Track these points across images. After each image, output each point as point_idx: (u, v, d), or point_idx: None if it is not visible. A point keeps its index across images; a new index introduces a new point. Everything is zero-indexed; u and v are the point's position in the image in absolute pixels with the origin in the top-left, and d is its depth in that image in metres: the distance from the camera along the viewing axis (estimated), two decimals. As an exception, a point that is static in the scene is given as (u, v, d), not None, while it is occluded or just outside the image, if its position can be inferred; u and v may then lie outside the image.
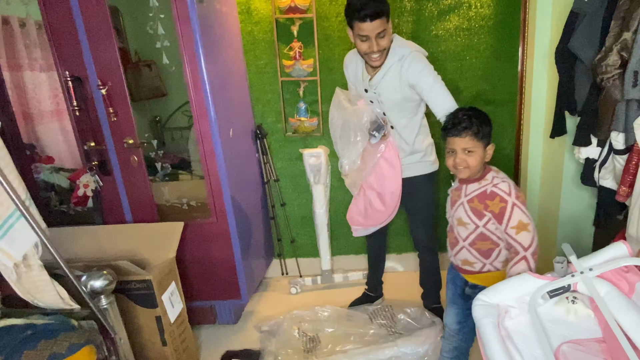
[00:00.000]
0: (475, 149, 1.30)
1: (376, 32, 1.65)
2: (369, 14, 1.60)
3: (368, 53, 1.74)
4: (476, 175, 1.36)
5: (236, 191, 2.18)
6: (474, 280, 1.43)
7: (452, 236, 1.46)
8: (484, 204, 1.30)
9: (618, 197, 1.59)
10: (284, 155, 2.58)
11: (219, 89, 2.04)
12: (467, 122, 1.31)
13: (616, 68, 1.40)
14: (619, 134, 1.55)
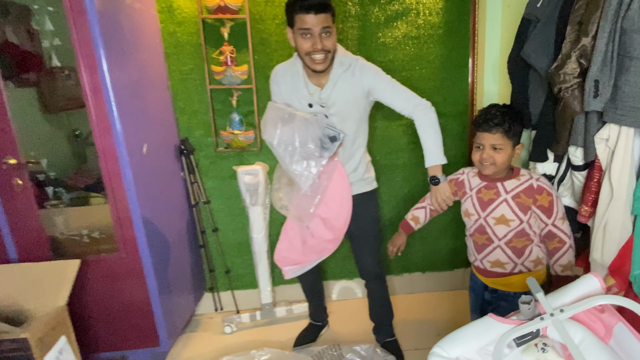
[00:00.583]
0: (504, 146, 1.28)
1: (320, 27, 1.47)
2: (314, 6, 1.44)
3: (310, 52, 1.52)
4: (502, 173, 1.35)
5: (152, 218, 1.83)
6: (495, 285, 1.39)
7: (481, 238, 1.38)
8: (532, 198, 1.29)
9: (580, 217, 1.42)
10: (215, 174, 2.25)
11: (128, 97, 1.70)
12: (499, 119, 1.28)
13: (575, 77, 1.23)
14: (577, 149, 1.40)
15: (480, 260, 1.41)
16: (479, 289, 1.48)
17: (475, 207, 1.40)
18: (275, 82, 1.74)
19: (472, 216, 1.41)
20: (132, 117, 1.73)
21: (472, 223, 1.41)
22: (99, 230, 1.85)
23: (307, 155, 1.66)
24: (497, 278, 1.39)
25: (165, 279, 1.93)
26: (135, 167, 1.72)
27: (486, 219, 1.36)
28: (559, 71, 1.26)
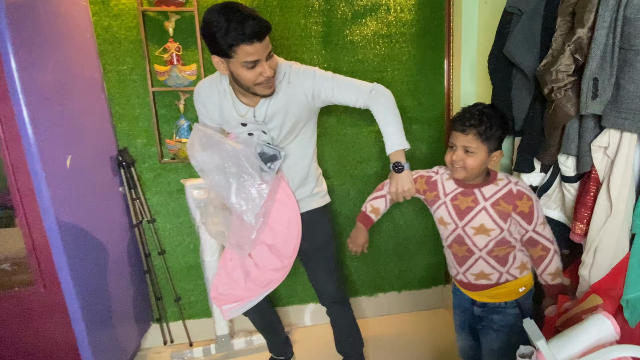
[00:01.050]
0: (477, 150, 1.15)
1: (267, 53, 1.24)
2: (257, 34, 1.17)
3: (260, 83, 1.28)
4: (476, 179, 1.22)
5: (78, 243, 1.53)
6: (483, 299, 1.29)
7: (461, 250, 1.26)
8: (512, 205, 1.18)
9: (573, 236, 1.23)
10: (161, 188, 1.97)
11: (45, 101, 1.41)
12: (476, 120, 1.14)
13: (569, 75, 1.05)
14: (568, 158, 1.22)
15: (463, 273, 1.29)
16: (465, 304, 1.37)
17: (452, 216, 1.26)
18: (200, 102, 1.47)
19: (449, 225, 1.27)
20: (51, 124, 1.44)
21: (449, 233, 1.28)
22: (14, 258, 1.53)
23: (245, 185, 1.42)
24: (484, 290, 1.29)
25: (97, 312, 1.63)
26: (54, 184, 1.42)
27: (464, 228, 1.24)
28: (549, 69, 1.07)
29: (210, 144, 1.40)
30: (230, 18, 1.15)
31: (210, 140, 1.40)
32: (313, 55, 1.94)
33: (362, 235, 1.44)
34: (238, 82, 1.31)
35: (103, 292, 1.69)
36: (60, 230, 1.44)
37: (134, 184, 1.88)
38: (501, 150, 1.19)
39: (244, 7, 1.20)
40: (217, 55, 1.26)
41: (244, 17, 1.16)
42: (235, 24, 1.15)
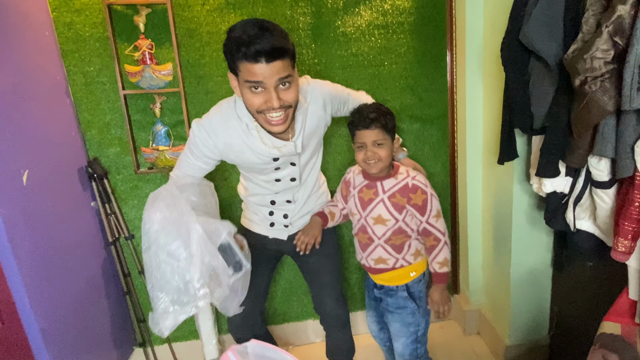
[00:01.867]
0: (384, 141, 1.27)
1: (276, 79, 1.03)
2: (264, 51, 0.98)
3: (263, 111, 1.08)
4: (385, 171, 1.33)
5: (42, 269, 1.36)
6: (380, 281, 1.42)
7: (364, 237, 1.38)
8: (407, 198, 1.29)
9: (616, 254, 1.04)
10: (139, 201, 1.78)
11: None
12: (375, 114, 1.25)
13: (608, 62, 0.86)
14: (601, 160, 1.04)
15: (365, 258, 1.41)
16: (370, 286, 1.50)
17: (357, 207, 1.38)
18: (212, 133, 1.20)
19: (355, 216, 1.39)
20: (1, 136, 1.25)
21: (356, 222, 1.40)
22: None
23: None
24: (382, 274, 1.40)
25: (68, 343, 1.46)
26: (7, 205, 1.24)
27: (366, 218, 1.35)
28: (582, 55, 0.88)
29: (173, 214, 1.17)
30: (246, 30, 0.99)
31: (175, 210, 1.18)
32: (302, 50, 1.75)
33: (316, 228, 1.39)
34: (247, 108, 1.13)
35: (76, 320, 1.52)
36: (16, 256, 1.26)
37: (107, 197, 1.69)
38: (398, 137, 1.35)
39: (268, 24, 1.02)
40: (230, 71, 1.10)
41: (260, 31, 0.99)
42: (246, 37, 0.98)
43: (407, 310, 1.38)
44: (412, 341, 1.41)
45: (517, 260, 1.69)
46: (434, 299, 1.33)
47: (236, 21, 1.65)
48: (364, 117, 1.25)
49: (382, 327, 1.56)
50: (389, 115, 1.28)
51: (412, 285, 1.39)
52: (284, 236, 1.48)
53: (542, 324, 1.82)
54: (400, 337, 1.42)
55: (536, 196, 1.59)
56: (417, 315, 1.39)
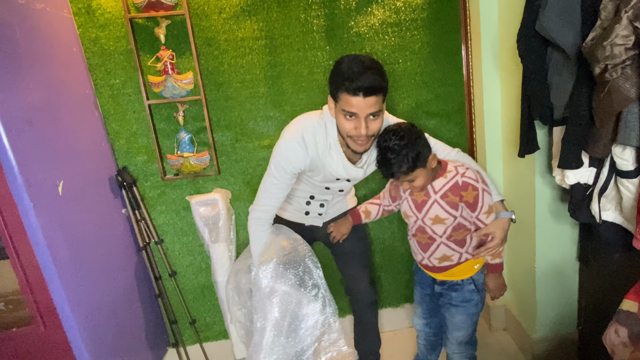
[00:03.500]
0: (416, 176, 1.23)
1: (368, 112, 1.17)
2: (363, 88, 1.13)
3: (352, 136, 1.23)
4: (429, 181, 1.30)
5: (79, 275, 1.43)
6: (443, 277, 1.41)
7: (423, 237, 1.37)
8: (459, 196, 1.27)
9: (637, 242, 1.04)
10: (166, 207, 1.85)
11: (27, 124, 1.30)
12: (395, 166, 1.20)
13: (628, 48, 0.86)
14: (626, 149, 1.03)
15: (428, 258, 1.40)
16: (426, 281, 1.49)
17: (412, 209, 1.37)
18: (304, 147, 1.29)
19: (411, 218, 1.38)
20: (37, 148, 1.33)
21: (412, 224, 1.40)
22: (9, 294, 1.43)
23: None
24: (446, 271, 1.40)
25: (107, 345, 1.52)
26: (45, 214, 1.31)
27: (423, 220, 1.34)
28: (602, 42, 0.88)
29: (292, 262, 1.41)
30: (351, 66, 1.14)
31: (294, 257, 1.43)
32: (317, 53, 1.78)
33: (346, 225, 1.53)
34: (338, 128, 1.28)
35: (112, 322, 1.58)
36: (55, 263, 1.33)
37: (137, 204, 1.76)
38: (433, 153, 1.26)
39: (372, 62, 1.16)
40: (331, 96, 1.24)
41: (362, 69, 1.13)
42: (350, 73, 1.13)
43: (472, 302, 1.39)
44: (473, 330, 1.45)
45: (542, 254, 1.67)
46: (491, 287, 1.37)
47: (252, 28, 1.72)
48: (388, 174, 1.23)
49: (430, 322, 1.56)
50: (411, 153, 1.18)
51: (476, 277, 1.39)
52: (319, 223, 1.60)
53: (571, 318, 1.79)
54: (462, 329, 1.43)
55: (559, 188, 1.57)
56: (479, 306, 1.41)
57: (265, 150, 1.85)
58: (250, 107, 1.80)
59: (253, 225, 1.44)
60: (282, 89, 1.80)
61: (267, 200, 1.40)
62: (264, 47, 1.75)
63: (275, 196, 1.38)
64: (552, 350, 1.81)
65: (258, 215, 1.42)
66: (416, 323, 1.60)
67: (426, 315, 1.55)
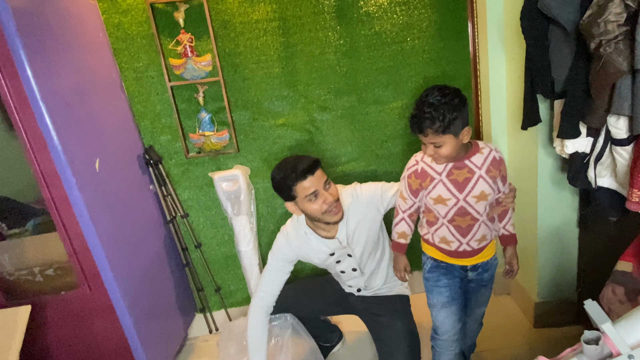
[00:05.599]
0: (442, 142, 1.19)
1: (322, 182, 1.43)
2: (306, 170, 1.39)
3: (326, 210, 1.43)
4: (459, 154, 1.26)
5: (117, 243, 1.57)
6: (476, 260, 1.38)
7: (464, 220, 1.31)
8: (498, 170, 1.29)
9: (630, 204, 1.14)
10: (190, 183, 1.98)
11: (65, 105, 1.41)
12: (428, 121, 1.16)
13: (620, 24, 0.94)
14: (619, 119, 1.12)
15: (467, 242, 1.34)
16: (455, 273, 1.41)
17: (451, 191, 1.28)
18: (287, 239, 1.59)
19: (449, 200, 1.29)
20: (75, 129, 1.45)
21: (449, 208, 1.30)
22: (57, 262, 1.58)
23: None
24: (480, 253, 1.37)
25: (143, 308, 1.68)
26: (86, 189, 1.44)
27: (466, 199, 1.28)
28: (596, 19, 0.96)
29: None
30: (283, 167, 1.41)
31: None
32: (328, 33, 1.85)
33: (400, 261, 1.47)
34: (310, 217, 1.48)
35: (146, 287, 1.73)
36: (97, 233, 1.47)
37: (163, 180, 1.89)
38: (469, 127, 1.22)
39: (295, 156, 1.43)
40: (287, 201, 1.46)
41: (294, 161, 1.40)
42: (289, 170, 1.39)
43: (494, 277, 1.43)
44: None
45: (544, 221, 1.78)
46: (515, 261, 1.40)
47: (265, 10, 1.80)
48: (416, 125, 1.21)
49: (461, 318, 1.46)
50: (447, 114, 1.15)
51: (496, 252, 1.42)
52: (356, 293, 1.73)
53: (570, 281, 1.91)
54: (485, 303, 1.47)
55: (560, 158, 1.66)
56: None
57: (280, 129, 1.95)
58: (265, 87, 1.89)
59: (251, 313, 1.62)
60: (296, 69, 1.88)
61: (263, 286, 1.62)
62: (278, 29, 1.83)
63: (270, 283, 1.61)
64: (553, 311, 1.94)
65: (255, 302, 1.62)
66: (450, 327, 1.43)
67: (461, 312, 1.44)
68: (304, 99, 1.92)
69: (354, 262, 1.60)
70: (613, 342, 0.71)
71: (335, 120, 1.96)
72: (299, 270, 2.18)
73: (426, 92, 1.20)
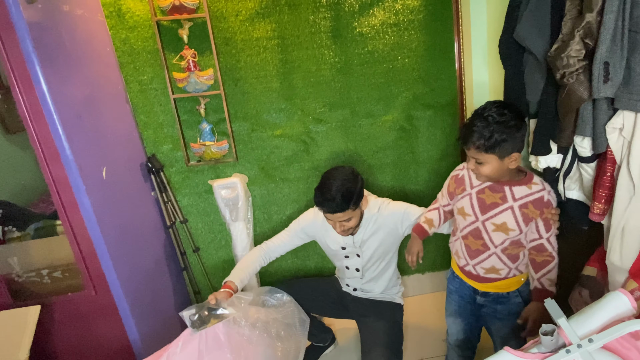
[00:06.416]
0: (485, 160, 1.16)
1: (342, 219, 1.55)
2: (328, 212, 1.53)
3: (338, 231, 1.61)
4: (505, 177, 1.22)
5: (121, 247, 1.65)
6: (488, 289, 1.33)
7: (476, 243, 1.28)
8: (540, 211, 1.21)
9: (592, 216, 1.28)
10: (190, 190, 2.07)
11: (76, 116, 1.51)
12: (476, 135, 1.14)
13: (580, 60, 1.07)
14: (584, 139, 1.24)
15: (473, 266, 1.32)
16: (466, 291, 1.41)
17: (474, 208, 1.28)
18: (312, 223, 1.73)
19: (468, 217, 1.28)
20: (85, 138, 1.54)
21: (467, 224, 1.29)
22: (64, 264, 1.66)
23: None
24: (490, 283, 1.33)
25: (144, 310, 1.76)
26: (94, 195, 1.53)
27: (484, 223, 1.26)
28: (560, 54, 1.09)
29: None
30: (322, 191, 1.50)
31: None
32: (324, 51, 1.97)
33: (415, 244, 1.47)
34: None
35: (147, 290, 1.82)
36: (104, 237, 1.55)
37: (164, 187, 1.98)
38: (519, 153, 1.16)
39: (333, 185, 1.49)
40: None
41: (325, 198, 1.48)
42: (319, 199, 1.51)
43: (518, 315, 1.29)
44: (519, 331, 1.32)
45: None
46: (534, 318, 1.24)
47: (265, 29, 1.91)
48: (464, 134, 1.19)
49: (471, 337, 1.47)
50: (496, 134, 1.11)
51: (523, 289, 1.33)
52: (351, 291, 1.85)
53: (549, 285, 2.03)
54: (511, 339, 1.34)
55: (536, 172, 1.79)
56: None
57: (278, 139, 2.06)
58: (264, 100, 2.00)
59: (252, 250, 1.77)
60: (293, 84, 2.00)
61: (275, 239, 1.77)
62: (277, 46, 1.94)
63: (282, 239, 1.75)
64: (531, 315, 2.06)
65: (260, 245, 1.77)
66: (454, 339, 1.50)
67: (467, 329, 1.45)
68: (301, 111, 2.04)
69: (359, 263, 1.72)
70: (566, 334, 0.82)
71: (330, 131, 2.08)
72: (304, 269, 2.28)
73: (485, 105, 1.16)
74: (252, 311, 1.54)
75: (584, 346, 0.81)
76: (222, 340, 1.35)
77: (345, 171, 1.55)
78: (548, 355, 0.84)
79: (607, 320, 0.85)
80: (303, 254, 2.25)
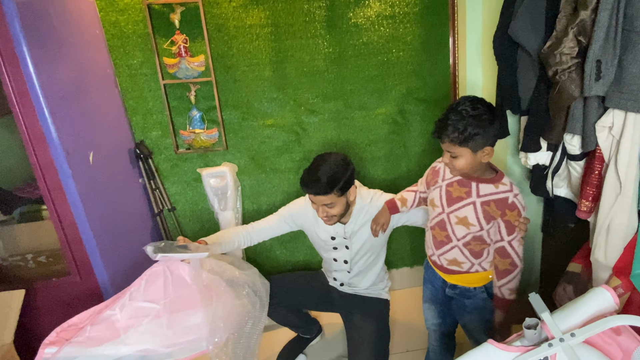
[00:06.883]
0: (459, 154, 1.17)
1: (322, 203, 1.51)
2: (310, 193, 1.50)
3: (321, 217, 1.57)
4: (474, 173, 1.23)
5: (107, 233, 1.63)
6: (454, 281, 1.37)
7: (441, 234, 1.32)
8: (502, 212, 1.21)
9: (579, 213, 1.29)
10: (178, 178, 2.04)
11: (63, 99, 1.47)
12: (450, 128, 1.15)
13: (573, 57, 1.07)
14: (574, 137, 1.25)
15: (438, 256, 1.37)
16: (437, 282, 1.46)
17: (442, 200, 1.32)
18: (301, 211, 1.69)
19: (437, 208, 1.33)
20: (72, 122, 1.50)
21: (435, 215, 1.35)
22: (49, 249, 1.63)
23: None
24: (455, 275, 1.37)
25: (128, 299, 1.74)
26: (80, 180, 1.51)
27: (449, 215, 1.30)
28: (553, 51, 1.09)
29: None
30: (309, 171, 1.48)
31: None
32: (318, 40, 1.95)
33: (384, 216, 1.53)
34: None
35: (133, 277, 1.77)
36: (89, 223, 1.53)
37: (152, 174, 1.96)
38: (491, 148, 1.18)
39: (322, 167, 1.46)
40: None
41: (310, 180, 1.45)
42: (307, 177, 1.47)
43: (486, 309, 1.36)
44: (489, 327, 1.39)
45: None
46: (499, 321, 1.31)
47: (259, 16, 1.88)
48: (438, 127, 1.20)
49: (444, 321, 1.52)
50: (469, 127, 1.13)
51: (489, 285, 1.36)
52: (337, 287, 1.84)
53: (534, 283, 2.06)
54: (482, 330, 1.39)
55: (526, 168, 1.80)
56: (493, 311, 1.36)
57: (269, 129, 2.04)
58: (256, 88, 1.97)
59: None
60: (285, 73, 1.97)
61: (261, 222, 1.71)
62: (270, 34, 1.91)
63: (268, 223, 1.70)
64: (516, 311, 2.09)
65: (244, 226, 1.70)
66: (430, 323, 1.55)
67: (440, 315, 1.50)
68: (293, 101, 2.02)
69: (347, 255, 1.70)
70: (549, 328, 0.83)
71: (322, 123, 2.06)
72: (292, 261, 2.28)
73: (459, 100, 1.18)
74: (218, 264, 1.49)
75: (566, 340, 0.82)
76: (188, 282, 1.32)
77: (337, 157, 1.52)
78: (531, 349, 0.85)
79: (589, 315, 0.87)
80: (292, 245, 2.25)
